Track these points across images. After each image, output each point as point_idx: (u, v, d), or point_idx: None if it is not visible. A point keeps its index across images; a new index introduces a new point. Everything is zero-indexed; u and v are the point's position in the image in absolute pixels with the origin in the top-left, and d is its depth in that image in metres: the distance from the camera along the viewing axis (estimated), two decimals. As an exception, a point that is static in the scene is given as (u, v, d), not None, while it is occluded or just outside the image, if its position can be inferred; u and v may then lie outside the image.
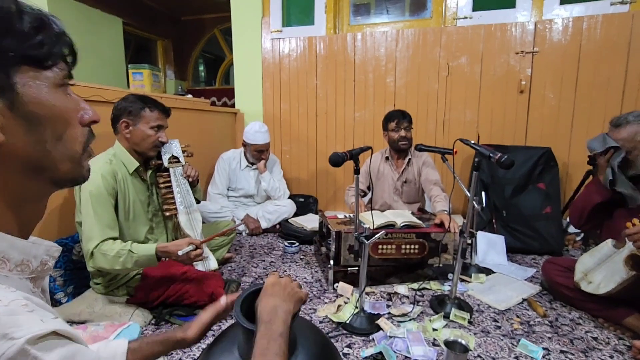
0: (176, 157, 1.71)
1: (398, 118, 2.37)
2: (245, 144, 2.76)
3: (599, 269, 1.47)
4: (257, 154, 2.73)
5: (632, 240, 1.30)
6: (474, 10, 2.77)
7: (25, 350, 0.33)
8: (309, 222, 2.63)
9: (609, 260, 1.42)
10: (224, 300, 0.84)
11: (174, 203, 1.69)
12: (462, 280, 1.92)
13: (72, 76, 0.45)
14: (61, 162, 0.43)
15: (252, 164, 2.79)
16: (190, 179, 1.75)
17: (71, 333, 0.38)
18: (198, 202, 1.84)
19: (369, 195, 2.54)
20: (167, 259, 1.49)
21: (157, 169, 1.69)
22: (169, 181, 1.69)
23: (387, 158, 2.51)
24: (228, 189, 2.85)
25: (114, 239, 1.44)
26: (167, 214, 1.69)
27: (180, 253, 1.38)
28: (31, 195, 0.43)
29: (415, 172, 2.45)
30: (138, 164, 1.58)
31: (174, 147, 1.72)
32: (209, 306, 0.84)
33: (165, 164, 1.68)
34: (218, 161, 2.83)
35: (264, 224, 2.71)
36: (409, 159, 2.44)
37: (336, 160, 1.44)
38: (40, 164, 0.41)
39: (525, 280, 1.94)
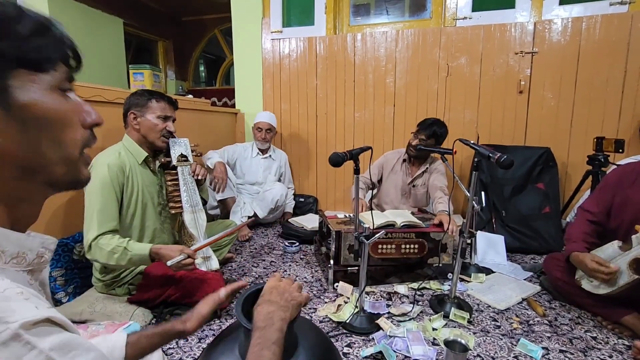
0: (185, 156, 1.73)
1: (420, 127, 2.35)
2: (253, 129, 2.95)
3: None
4: (257, 132, 2.90)
5: None
6: (473, 10, 2.78)
7: (18, 334, 0.33)
8: (309, 222, 2.64)
9: (613, 262, 1.41)
10: (223, 293, 0.87)
11: (180, 201, 1.71)
12: (462, 280, 1.92)
13: (74, 79, 0.46)
14: (56, 165, 0.43)
15: (262, 151, 2.93)
16: (198, 177, 1.77)
17: (65, 322, 0.39)
18: (205, 202, 1.85)
19: (374, 191, 2.54)
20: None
21: (165, 167, 1.71)
22: (177, 179, 1.71)
23: (404, 160, 2.50)
24: (235, 176, 2.93)
25: (114, 232, 1.44)
26: (173, 211, 1.70)
27: (169, 264, 1.36)
28: (27, 196, 0.44)
29: (426, 179, 2.45)
30: (147, 154, 1.61)
31: (184, 146, 1.73)
32: (207, 297, 0.86)
33: (174, 161, 1.69)
34: (233, 146, 2.97)
35: (261, 213, 2.74)
36: (426, 168, 2.43)
37: (336, 160, 1.44)
38: (34, 165, 0.42)
39: (525, 280, 1.95)
